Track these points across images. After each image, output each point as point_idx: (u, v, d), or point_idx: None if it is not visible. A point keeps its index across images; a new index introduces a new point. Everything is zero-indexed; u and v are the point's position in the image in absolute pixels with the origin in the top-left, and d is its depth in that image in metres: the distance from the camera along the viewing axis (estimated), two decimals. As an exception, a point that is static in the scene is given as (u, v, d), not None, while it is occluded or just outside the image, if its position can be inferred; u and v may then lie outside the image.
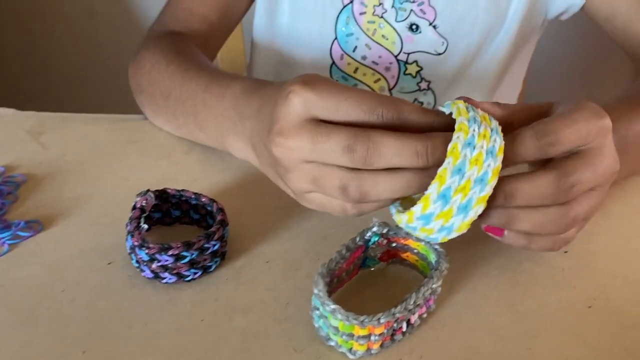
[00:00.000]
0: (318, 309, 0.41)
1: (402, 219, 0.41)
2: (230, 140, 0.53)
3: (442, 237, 0.41)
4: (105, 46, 1.59)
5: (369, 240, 0.46)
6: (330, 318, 0.40)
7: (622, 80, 1.41)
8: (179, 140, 0.63)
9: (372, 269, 0.48)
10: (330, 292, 0.44)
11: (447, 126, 0.40)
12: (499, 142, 0.39)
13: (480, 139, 0.38)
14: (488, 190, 0.39)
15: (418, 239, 0.46)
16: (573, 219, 0.42)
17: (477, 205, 0.39)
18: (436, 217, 0.39)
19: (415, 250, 0.47)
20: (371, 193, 0.40)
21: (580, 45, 1.53)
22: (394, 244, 0.47)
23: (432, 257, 0.45)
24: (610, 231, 0.52)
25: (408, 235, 0.46)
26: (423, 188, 0.40)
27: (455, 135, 0.38)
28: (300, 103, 0.40)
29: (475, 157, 0.38)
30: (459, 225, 0.40)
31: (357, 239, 0.45)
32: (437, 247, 0.45)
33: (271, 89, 0.47)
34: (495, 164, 0.39)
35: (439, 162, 0.38)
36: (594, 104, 0.42)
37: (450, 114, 0.40)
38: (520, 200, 0.40)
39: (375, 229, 0.46)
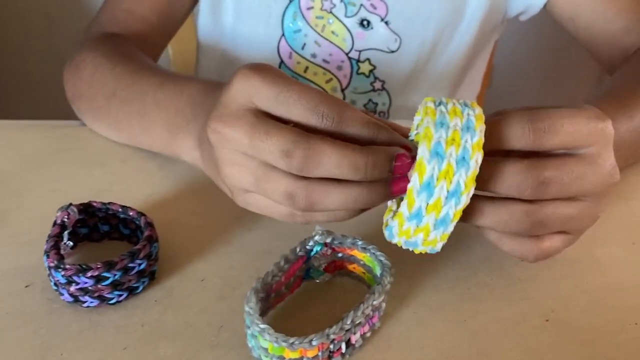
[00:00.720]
0: (249, 327, 0.37)
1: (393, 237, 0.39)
2: (180, 140, 0.50)
3: (442, 234, 0.37)
4: (62, 50, 1.53)
5: (311, 250, 0.43)
6: (260, 338, 0.37)
7: (586, 80, 1.41)
8: (117, 148, 0.59)
9: (317, 280, 0.44)
10: (268, 308, 0.41)
11: (392, 141, 0.37)
12: (474, 111, 0.36)
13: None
14: (474, 168, 0.35)
15: (365, 249, 0.43)
16: (541, 221, 0.37)
17: (468, 190, 0.35)
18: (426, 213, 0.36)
19: (361, 262, 0.44)
20: (320, 203, 0.37)
21: (544, 45, 1.53)
22: (339, 254, 0.44)
23: (378, 270, 0.42)
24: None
25: (354, 245, 0.43)
26: (375, 201, 0.37)
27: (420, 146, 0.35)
28: (244, 88, 0.37)
29: (449, 137, 0.35)
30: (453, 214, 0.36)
31: (298, 249, 0.42)
32: (382, 259, 0.42)
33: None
34: (474, 138, 0.35)
35: (378, 178, 0.36)
36: (595, 108, 0.38)
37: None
38: (482, 184, 0.36)
39: (317, 237, 0.42)
